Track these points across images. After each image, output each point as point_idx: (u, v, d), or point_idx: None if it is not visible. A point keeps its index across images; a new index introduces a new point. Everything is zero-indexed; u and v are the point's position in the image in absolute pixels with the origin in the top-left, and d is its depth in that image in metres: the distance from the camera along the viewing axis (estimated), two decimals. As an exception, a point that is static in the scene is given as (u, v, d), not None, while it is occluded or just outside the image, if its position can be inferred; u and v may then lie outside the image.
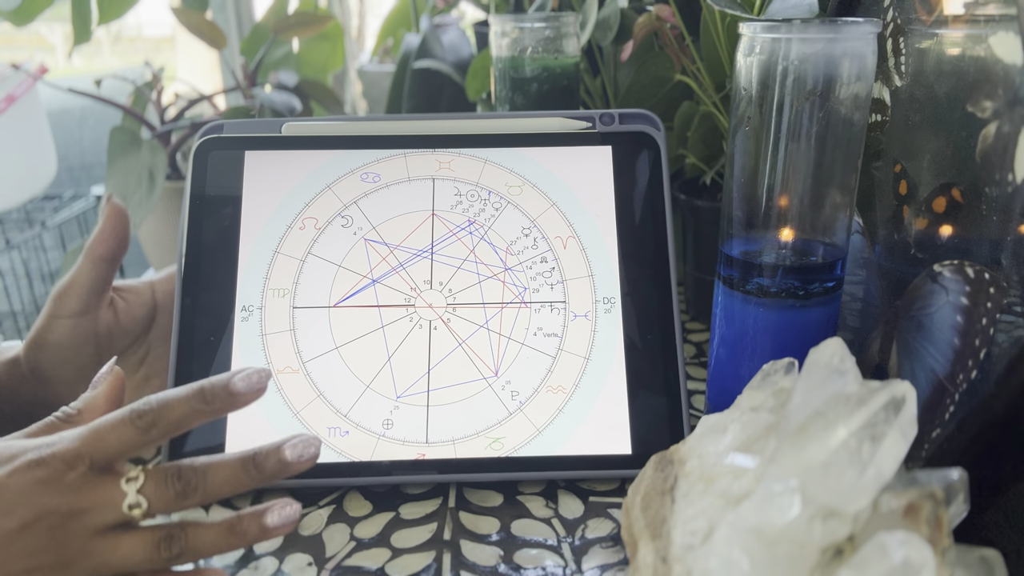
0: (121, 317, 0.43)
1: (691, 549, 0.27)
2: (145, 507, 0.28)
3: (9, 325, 0.94)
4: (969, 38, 0.32)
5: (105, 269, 0.41)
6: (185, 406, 0.29)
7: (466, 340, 0.40)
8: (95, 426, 0.28)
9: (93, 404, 0.31)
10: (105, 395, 0.32)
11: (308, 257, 0.41)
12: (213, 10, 1.21)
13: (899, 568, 0.22)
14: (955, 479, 0.25)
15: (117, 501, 0.27)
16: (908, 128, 0.36)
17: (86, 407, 0.31)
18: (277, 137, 0.43)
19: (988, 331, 0.29)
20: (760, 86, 0.34)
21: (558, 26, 0.52)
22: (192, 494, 0.28)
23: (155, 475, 0.28)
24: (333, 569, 0.33)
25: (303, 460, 0.29)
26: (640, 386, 0.39)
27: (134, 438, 0.28)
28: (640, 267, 0.41)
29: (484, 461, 0.38)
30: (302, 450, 0.29)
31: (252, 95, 0.83)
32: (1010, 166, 0.28)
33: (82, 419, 0.31)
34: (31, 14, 0.80)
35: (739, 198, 0.37)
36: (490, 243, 0.42)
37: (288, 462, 0.29)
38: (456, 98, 0.80)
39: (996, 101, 0.30)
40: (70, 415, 0.31)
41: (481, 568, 0.33)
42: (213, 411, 0.29)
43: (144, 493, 0.28)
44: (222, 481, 0.28)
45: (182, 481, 0.28)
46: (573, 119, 0.43)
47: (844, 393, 0.26)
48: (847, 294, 0.40)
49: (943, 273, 0.32)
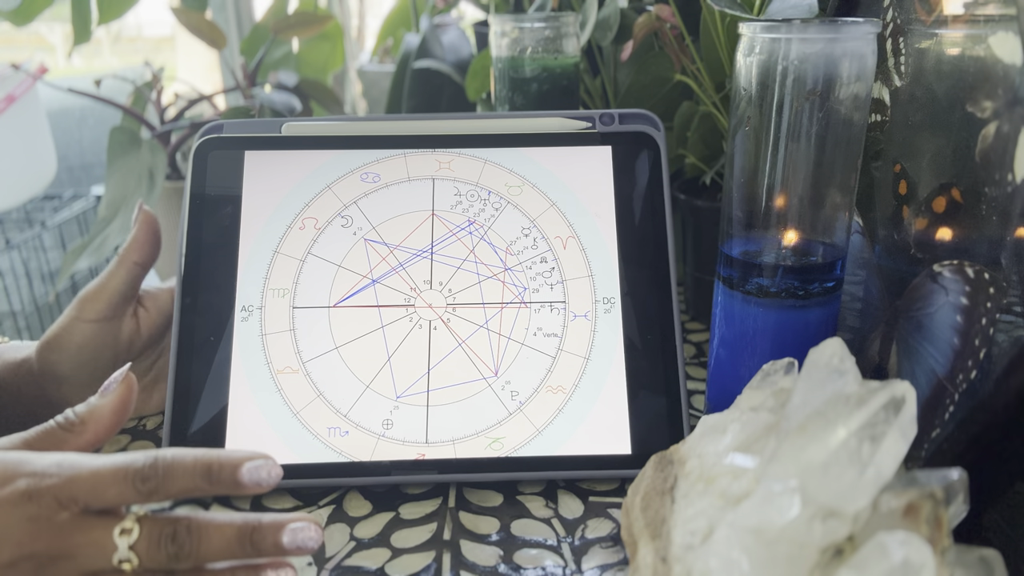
0: (142, 324, 0.43)
1: (691, 549, 0.27)
2: (135, 564, 0.27)
3: (9, 325, 0.94)
4: (969, 38, 0.32)
5: (137, 275, 0.41)
6: (189, 481, 0.28)
7: (466, 340, 0.40)
8: (96, 471, 0.27)
9: (99, 415, 0.30)
10: (112, 407, 0.31)
11: (308, 257, 0.41)
12: (213, 10, 1.21)
13: (899, 568, 0.22)
14: (955, 479, 0.25)
15: (107, 552, 0.26)
16: (908, 128, 0.36)
17: (90, 417, 0.30)
18: (277, 137, 0.43)
19: (988, 331, 0.29)
20: (760, 86, 0.34)
21: (558, 26, 0.52)
22: (184, 559, 0.27)
23: (150, 531, 0.27)
24: (333, 569, 0.33)
25: (300, 549, 0.28)
26: (640, 386, 0.39)
27: (133, 498, 0.27)
28: (640, 267, 0.41)
29: (484, 461, 0.38)
30: (302, 538, 0.28)
31: (252, 95, 0.83)
32: (1010, 166, 0.28)
33: (84, 430, 0.30)
34: (31, 14, 0.80)
35: (739, 198, 0.37)
36: (490, 243, 0.42)
37: (285, 548, 0.28)
38: (456, 98, 0.80)
39: (996, 101, 0.30)
40: (72, 423, 0.30)
41: (481, 568, 0.33)
42: (216, 491, 0.28)
43: (136, 550, 0.27)
44: (216, 551, 0.28)
45: (176, 544, 0.27)
46: (573, 119, 0.43)
47: (844, 393, 0.26)
48: (847, 294, 0.40)
49: (943, 273, 0.32)
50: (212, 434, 0.38)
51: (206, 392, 0.39)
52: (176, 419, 0.38)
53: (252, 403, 0.39)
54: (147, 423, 0.45)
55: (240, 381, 0.39)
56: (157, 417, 0.46)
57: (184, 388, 0.39)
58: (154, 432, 0.44)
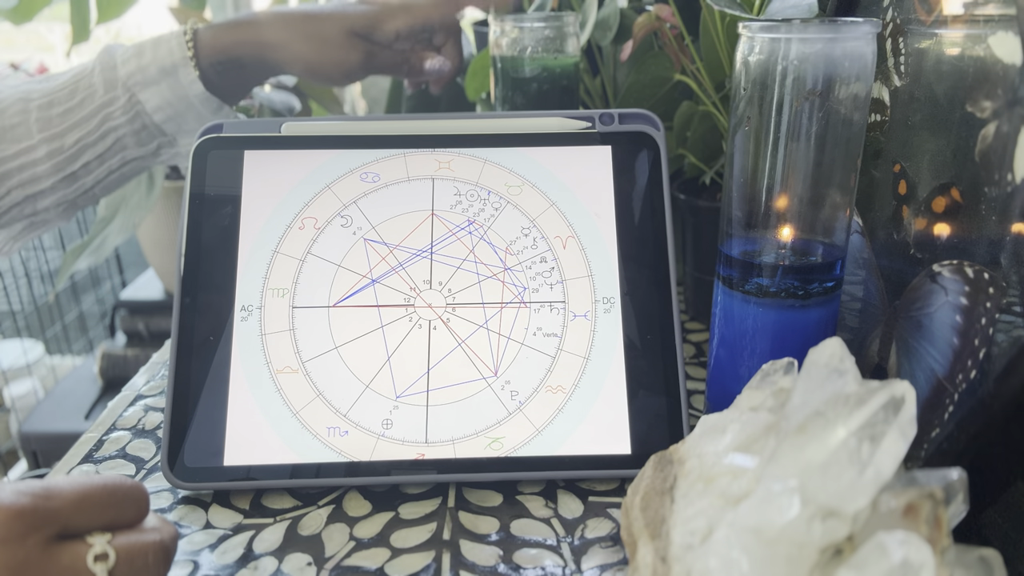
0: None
1: (690, 549, 0.27)
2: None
3: (9, 325, 0.94)
4: (968, 38, 0.32)
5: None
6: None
7: (465, 340, 0.40)
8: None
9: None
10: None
11: (308, 257, 0.41)
12: (212, 9, 1.21)
13: (898, 568, 0.22)
14: (954, 479, 0.25)
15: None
16: (907, 128, 0.36)
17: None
18: (276, 137, 0.43)
19: (987, 331, 0.29)
20: (759, 86, 0.34)
21: (558, 26, 0.52)
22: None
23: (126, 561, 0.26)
24: (332, 569, 0.33)
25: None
26: (639, 386, 0.39)
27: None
28: (639, 267, 0.41)
29: (483, 461, 0.38)
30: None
31: (251, 95, 0.83)
32: (1009, 166, 0.28)
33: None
34: (29, 13, 0.80)
35: (738, 198, 0.37)
36: (490, 243, 0.42)
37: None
38: (456, 98, 0.80)
39: (995, 101, 0.30)
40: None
41: (481, 568, 0.33)
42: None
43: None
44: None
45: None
46: (573, 119, 0.43)
47: (843, 393, 0.26)
48: (847, 294, 0.40)
49: (942, 273, 0.32)
50: (212, 434, 0.38)
51: (206, 392, 0.39)
52: (175, 419, 0.38)
53: (252, 403, 0.39)
54: (146, 423, 0.45)
55: (240, 381, 0.39)
56: (157, 417, 0.46)
57: (184, 388, 0.39)
58: (154, 432, 0.44)
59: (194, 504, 0.38)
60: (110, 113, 0.53)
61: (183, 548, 0.34)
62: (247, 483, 0.37)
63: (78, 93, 0.53)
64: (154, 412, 0.46)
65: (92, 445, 0.43)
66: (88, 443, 0.43)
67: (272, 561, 0.34)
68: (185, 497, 0.38)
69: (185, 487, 0.37)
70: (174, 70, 0.53)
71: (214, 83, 0.55)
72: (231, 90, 0.57)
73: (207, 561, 0.34)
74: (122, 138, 0.54)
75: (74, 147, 0.53)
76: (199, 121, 0.55)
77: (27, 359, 1.42)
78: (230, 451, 0.38)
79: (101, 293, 1.64)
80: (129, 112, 0.53)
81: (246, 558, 0.34)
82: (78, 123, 0.52)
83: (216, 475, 0.37)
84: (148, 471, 0.41)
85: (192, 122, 0.55)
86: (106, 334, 1.50)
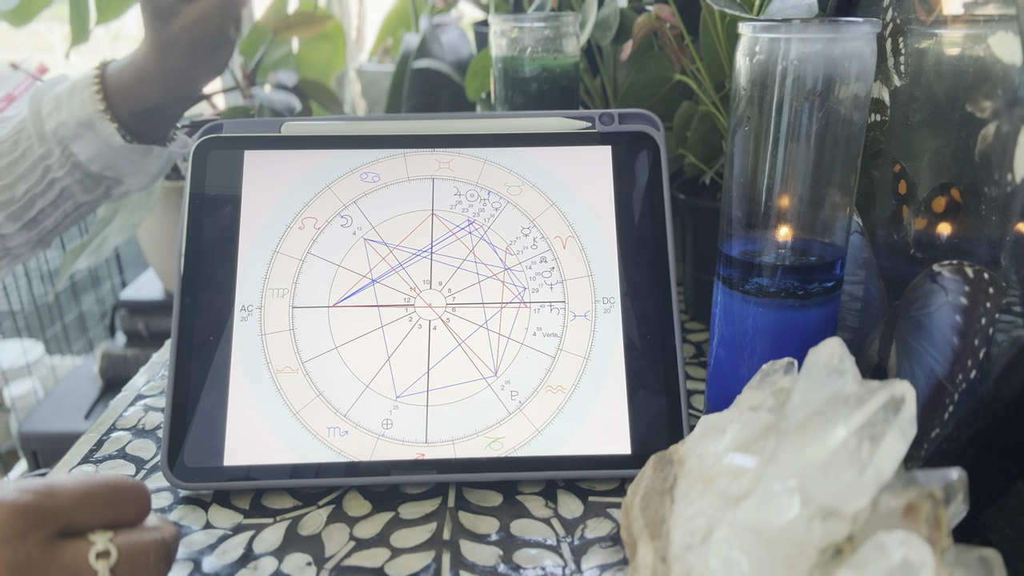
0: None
1: (690, 549, 0.27)
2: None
3: (9, 325, 0.94)
4: (968, 38, 0.32)
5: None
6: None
7: (465, 340, 0.40)
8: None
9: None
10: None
11: (307, 257, 0.41)
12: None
13: (898, 568, 0.22)
14: (954, 479, 0.25)
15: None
16: (907, 128, 0.36)
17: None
18: (276, 137, 0.43)
19: (987, 331, 0.29)
20: (759, 86, 0.34)
21: (557, 26, 0.52)
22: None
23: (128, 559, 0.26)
24: (332, 569, 0.33)
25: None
26: (639, 386, 0.39)
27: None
28: (639, 267, 0.41)
29: (483, 461, 0.38)
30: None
31: (251, 95, 0.83)
32: (1009, 166, 0.28)
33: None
34: (29, 14, 0.80)
35: (738, 198, 0.37)
36: (489, 243, 0.42)
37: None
38: (455, 98, 0.80)
39: (995, 101, 0.30)
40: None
41: (480, 568, 0.33)
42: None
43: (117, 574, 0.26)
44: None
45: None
46: (573, 119, 0.43)
47: (843, 393, 0.26)
48: (846, 294, 0.40)
49: (942, 273, 0.32)
50: (211, 434, 0.38)
51: (205, 392, 0.39)
52: (175, 419, 0.38)
53: (252, 403, 0.39)
54: (146, 423, 0.45)
55: (240, 381, 0.39)
56: (157, 417, 0.46)
57: (183, 388, 0.39)
58: (154, 432, 0.44)
59: (194, 504, 0.38)
60: (49, 166, 0.51)
61: (183, 548, 0.34)
62: (247, 483, 0.37)
63: (20, 145, 0.51)
64: (154, 412, 0.46)
65: (92, 445, 0.43)
66: (88, 443, 0.43)
67: (272, 561, 0.34)
68: (185, 497, 0.38)
69: (185, 487, 0.37)
70: (91, 124, 0.51)
71: (136, 131, 0.53)
72: (156, 132, 0.55)
73: (207, 561, 0.34)
74: (68, 187, 0.53)
75: (24, 198, 0.52)
76: (136, 166, 0.54)
77: (27, 359, 1.42)
78: (230, 451, 0.38)
79: (101, 293, 1.65)
80: (66, 164, 0.52)
81: (246, 558, 0.34)
82: (23, 175, 0.51)
83: (216, 475, 0.37)
84: (148, 471, 0.41)
85: (129, 167, 0.54)
86: (106, 334, 1.50)
